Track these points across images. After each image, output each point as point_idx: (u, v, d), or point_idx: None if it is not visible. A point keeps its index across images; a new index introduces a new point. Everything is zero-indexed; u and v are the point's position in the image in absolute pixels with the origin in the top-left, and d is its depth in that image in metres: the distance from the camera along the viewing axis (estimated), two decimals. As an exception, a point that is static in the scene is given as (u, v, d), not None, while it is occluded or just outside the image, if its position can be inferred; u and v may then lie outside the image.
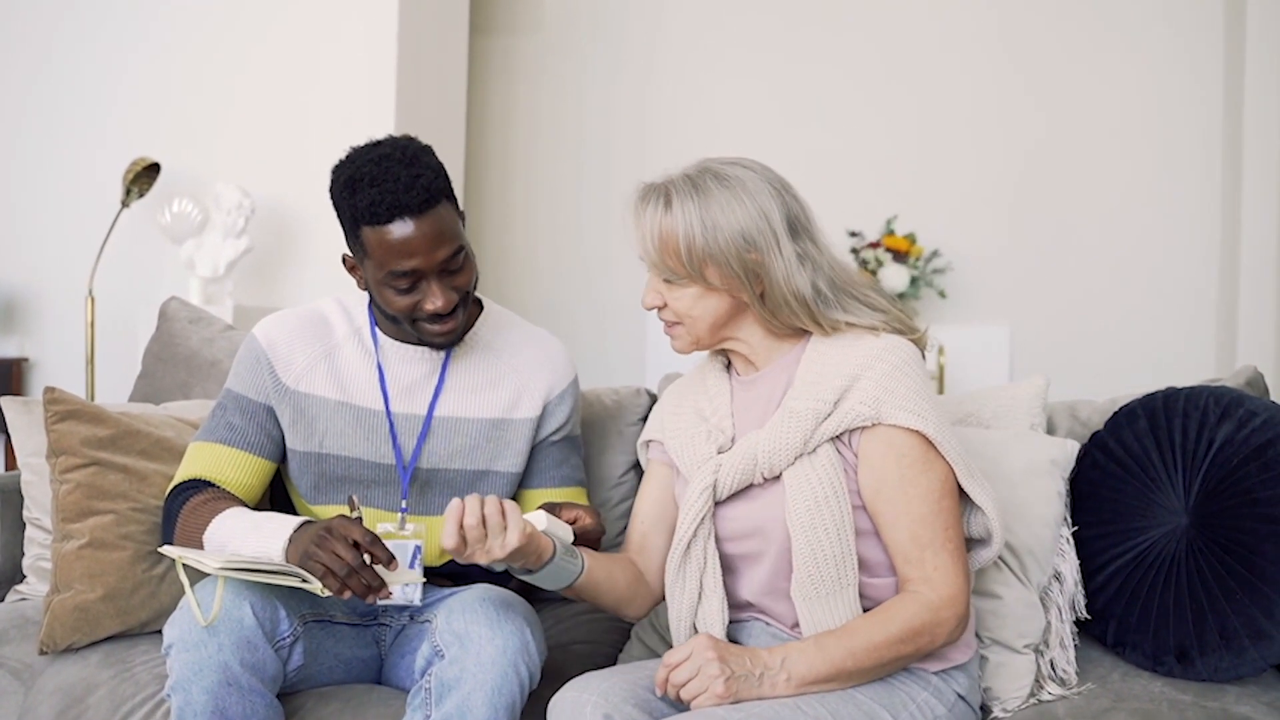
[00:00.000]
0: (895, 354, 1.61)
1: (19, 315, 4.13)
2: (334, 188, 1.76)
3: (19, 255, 4.13)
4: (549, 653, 1.73)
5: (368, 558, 1.58)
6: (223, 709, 1.57)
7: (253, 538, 1.67)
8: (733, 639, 1.69)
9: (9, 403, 2.10)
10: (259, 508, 1.86)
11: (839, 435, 1.60)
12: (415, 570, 1.65)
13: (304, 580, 1.56)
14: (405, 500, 1.85)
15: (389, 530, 1.66)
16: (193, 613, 1.59)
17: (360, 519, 1.64)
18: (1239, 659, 1.75)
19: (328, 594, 1.56)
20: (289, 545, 1.64)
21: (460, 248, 1.76)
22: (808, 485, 1.59)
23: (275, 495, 1.98)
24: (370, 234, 1.72)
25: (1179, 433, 1.88)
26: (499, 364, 1.92)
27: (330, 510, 1.86)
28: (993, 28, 4.84)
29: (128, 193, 3.76)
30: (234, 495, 1.81)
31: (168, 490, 1.85)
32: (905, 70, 4.89)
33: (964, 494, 1.63)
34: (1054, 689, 1.81)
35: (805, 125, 4.90)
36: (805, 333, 1.68)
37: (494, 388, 1.91)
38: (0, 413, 2.15)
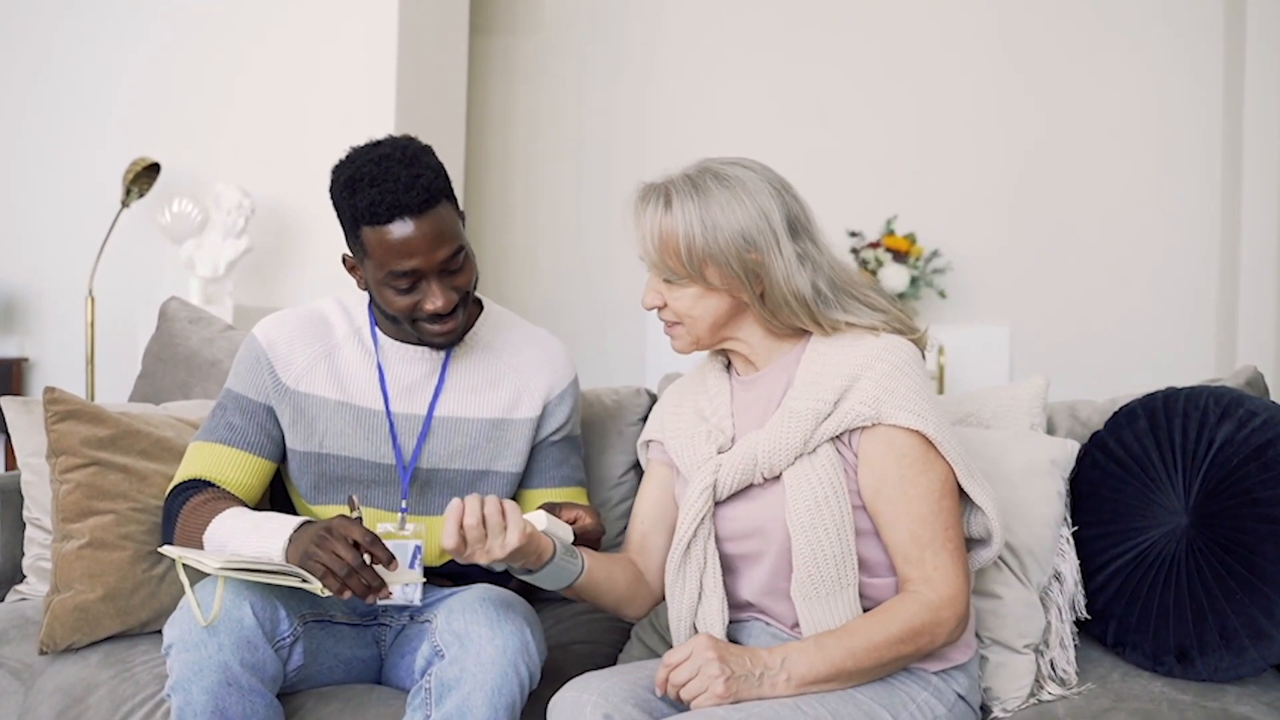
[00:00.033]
0: (895, 354, 1.61)
1: (19, 315, 4.13)
2: (334, 188, 1.76)
3: (19, 255, 4.13)
4: (549, 653, 1.73)
5: (368, 558, 1.58)
6: (223, 709, 1.56)
7: (253, 538, 1.67)
8: (733, 639, 1.69)
9: (9, 403, 2.09)
10: (259, 508, 1.86)
11: (839, 435, 1.60)
12: (415, 570, 1.65)
13: (304, 580, 1.56)
14: (405, 500, 1.85)
15: (389, 530, 1.66)
16: (193, 613, 1.58)
17: (360, 519, 1.64)
18: (1239, 659, 1.75)
19: (328, 594, 1.56)
20: (289, 545, 1.64)
21: (460, 248, 1.76)
22: (808, 485, 1.58)
23: (275, 495, 1.98)
24: (370, 234, 1.72)
25: (1179, 433, 1.88)
26: (499, 364, 1.92)
27: (330, 510, 1.86)
28: (993, 28, 4.84)
29: (128, 193, 3.76)
30: (234, 495, 1.81)
31: (168, 490, 1.85)
32: (905, 70, 4.89)
33: (964, 494, 1.62)
34: (1054, 689, 1.81)
35: (805, 125, 4.90)
36: (805, 333, 1.68)
37: (494, 388, 1.91)
38: (0, 413, 2.15)
